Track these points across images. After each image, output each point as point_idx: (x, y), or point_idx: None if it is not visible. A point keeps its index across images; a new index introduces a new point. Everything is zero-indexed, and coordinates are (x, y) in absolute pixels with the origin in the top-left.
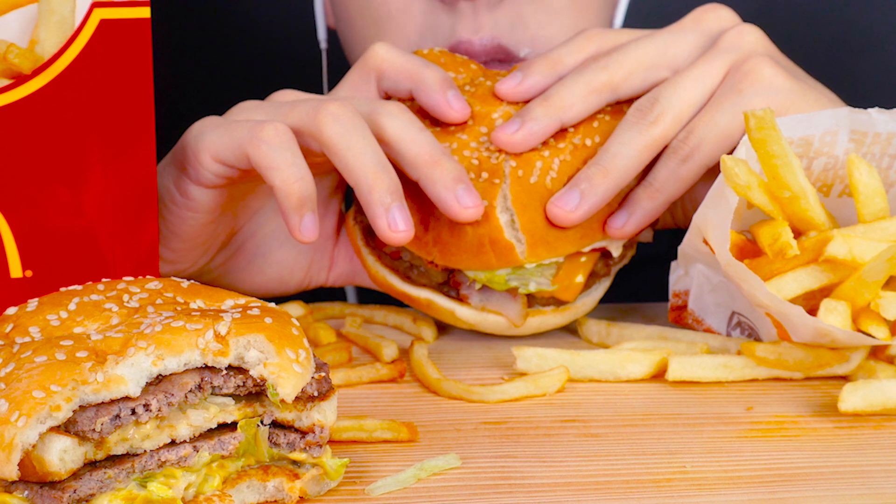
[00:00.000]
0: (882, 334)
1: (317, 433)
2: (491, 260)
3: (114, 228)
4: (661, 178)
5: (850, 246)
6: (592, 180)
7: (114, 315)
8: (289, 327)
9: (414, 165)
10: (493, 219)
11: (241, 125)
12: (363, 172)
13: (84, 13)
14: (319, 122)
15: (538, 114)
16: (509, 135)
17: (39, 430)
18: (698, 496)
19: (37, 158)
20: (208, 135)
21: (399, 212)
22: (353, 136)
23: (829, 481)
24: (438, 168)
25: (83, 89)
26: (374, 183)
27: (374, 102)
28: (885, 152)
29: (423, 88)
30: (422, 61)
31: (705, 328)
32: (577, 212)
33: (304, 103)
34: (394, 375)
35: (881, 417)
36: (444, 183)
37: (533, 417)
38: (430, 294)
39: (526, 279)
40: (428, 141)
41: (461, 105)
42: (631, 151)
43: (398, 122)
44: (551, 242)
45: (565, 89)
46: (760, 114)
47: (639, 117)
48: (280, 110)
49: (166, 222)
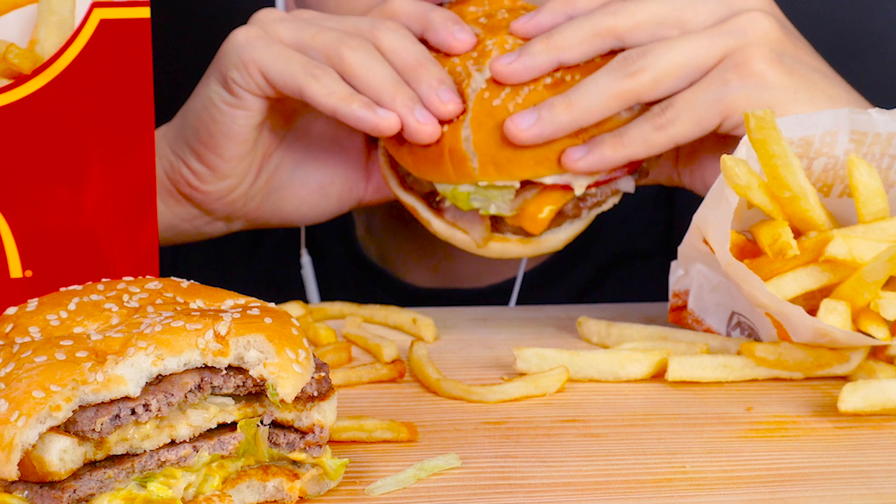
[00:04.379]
0: (882, 334)
1: (317, 433)
2: (449, 171)
3: (114, 228)
4: (631, 134)
5: (850, 246)
6: (554, 108)
7: (114, 315)
8: (289, 327)
9: (404, 68)
10: (456, 131)
11: (293, 56)
12: (386, 85)
13: (84, 13)
14: (342, 52)
15: (537, 49)
16: (504, 65)
17: (39, 429)
18: (698, 496)
19: (37, 158)
20: (259, 49)
21: (422, 112)
22: (375, 63)
23: (829, 481)
24: (424, 70)
25: (83, 89)
26: (398, 91)
27: (375, 20)
28: (885, 152)
29: (431, 29)
30: (430, 5)
31: (705, 328)
32: (528, 131)
33: (330, 31)
34: (393, 375)
35: (881, 417)
36: (428, 82)
37: (533, 417)
38: (416, 202)
39: (487, 201)
40: (421, 50)
41: (466, 35)
42: (600, 95)
43: (393, 34)
44: (502, 164)
45: (569, 29)
46: (760, 114)
47: (621, 65)
48: (306, 34)
49: (218, 124)
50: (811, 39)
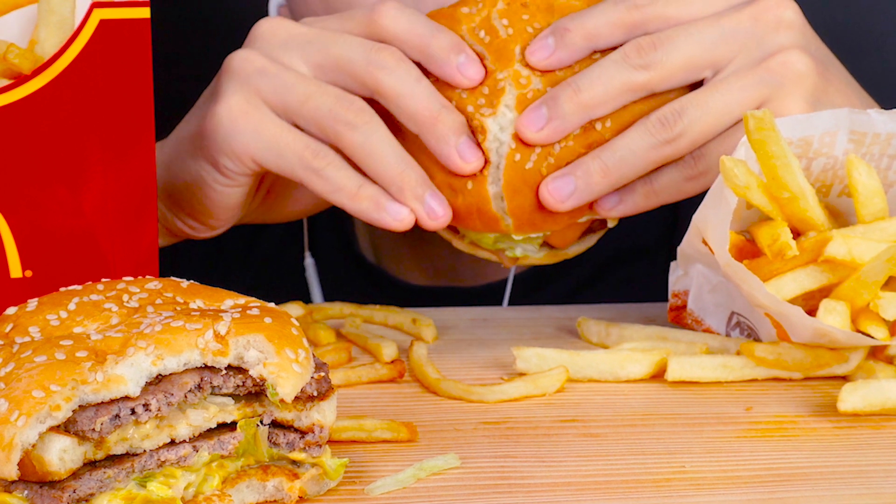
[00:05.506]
0: (881, 334)
1: (316, 433)
2: (477, 225)
3: (114, 228)
4: (663, 183)
5: (849, 246)
6: (591, 176)
7: (113, 315)
8: (288, 327)
9: (413, 121)
10: (483, 190)
11: (288, 144)
12: (391, 175)
13: (84, 13)
14: (339, 131)
15: (567, 110)
16: (535, 132)
17: (39, 429)
18: (697, 496)
19: (37, 158)
20: (248, 136)
21: (433, 198)
22: (374, 143)
23: (829, 481)
24: (439, 124)
25: (83, 89)
26: (403, 180)
27: (369, 52)
28: (884, 153)
29: (432, 62)
30: (428, 28)
31: (705, 328)
32: (567, 202)
33: (320, 100)
34: (393, 375)
35: (880, 417)
36: (445, 139)
37: (532, 417)
38: None
39: (512, 245)
40: (427, 94)
41: (473, 71)
42: (638, 161)
43: (395, 77)
44: (538, 224)
45: (600, 85)
46: (759, 115)
47: (658, 130)
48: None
49: (212, 200)
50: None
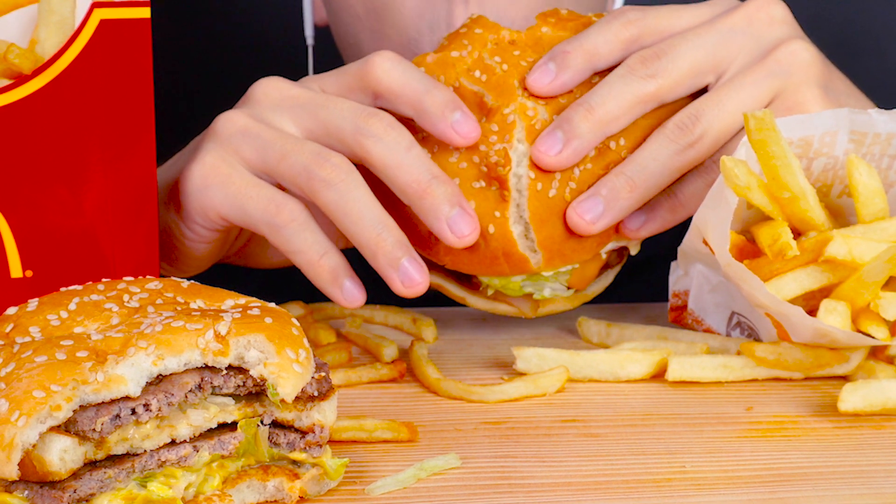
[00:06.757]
0: (882, 335)
1: (317, 433)
2: (504, 270)
3: (114, 228)
4: (688, 193)
5: (849, 246)
6: (618, 193)
7: (114, 315)
8: (289, 327)
9: (403, 193)
10: (507, 232)
11: (251, 198)
12: (365, 238)
13: (84, 13)
14: (314, 189)
15: (583, 130)
16: (553, 156)
17: (40, 429)
18: (698, 496)
19: (37, 158)
20: (216, 194)
21: (410, 264)
22: (349, 203)
23: (829, 481)
24: (428, 197)
25: (83, 89)
26: (378, 245)
27: (358, 117)
28: (884, 153)
29: (426, 119)
30: (423, 83)
31: (705, 328)
32: (597, 224)
33: (297, 157)
34: (394, 375)
35: (881, 417)
36: (435, 213)
37: (533, 417)
38: (442, 280)
39: (541, 285)
40: (416, 165)
41: (468, 128)
42: (663, 169)
43: (383, 146)
44: (568, 254)
45: (612, 100)
46: (760, 115)
47: (678, 135)
48: (271, 158)
49: (182, 249)
50: (811, 39)
